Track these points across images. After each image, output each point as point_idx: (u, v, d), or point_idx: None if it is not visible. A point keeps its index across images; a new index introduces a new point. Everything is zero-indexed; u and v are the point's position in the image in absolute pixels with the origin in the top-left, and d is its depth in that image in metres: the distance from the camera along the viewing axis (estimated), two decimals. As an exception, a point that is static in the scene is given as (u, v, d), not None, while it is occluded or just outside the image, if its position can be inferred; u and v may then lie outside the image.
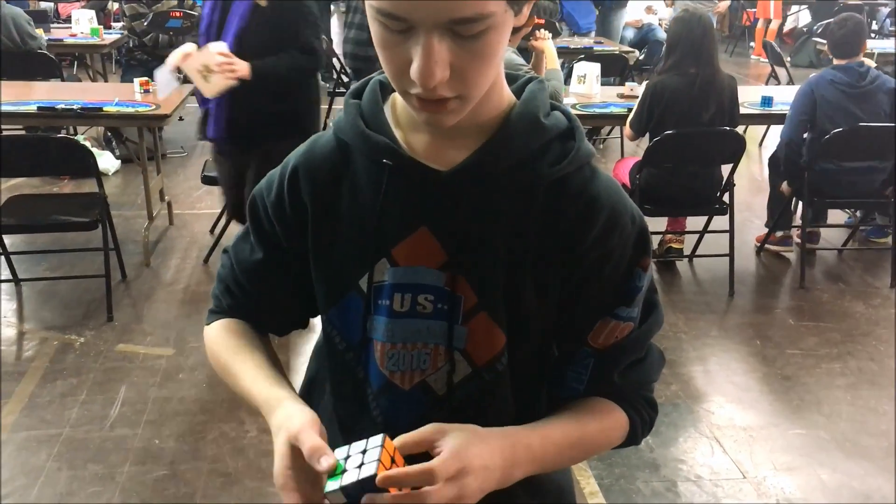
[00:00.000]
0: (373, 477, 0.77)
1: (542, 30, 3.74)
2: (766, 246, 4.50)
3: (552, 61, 3.83)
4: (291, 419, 0.86)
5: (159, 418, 2.89)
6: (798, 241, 4.37)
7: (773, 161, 4.45)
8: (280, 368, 1.01)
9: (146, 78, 4.23)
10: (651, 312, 0.98)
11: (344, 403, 1.00)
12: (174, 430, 2.82)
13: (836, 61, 4.04)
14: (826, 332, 3.67)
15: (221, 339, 1.04)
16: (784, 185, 4.25)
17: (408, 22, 0.76)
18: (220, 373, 1.03)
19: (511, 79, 0.94)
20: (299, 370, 1.11)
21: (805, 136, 4.05)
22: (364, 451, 0.80)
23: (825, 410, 3.07)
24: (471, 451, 0.82)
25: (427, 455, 0.82)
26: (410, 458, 0.82)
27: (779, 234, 4.45)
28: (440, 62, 0.76)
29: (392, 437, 0.83)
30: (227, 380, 1.01)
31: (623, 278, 0.93)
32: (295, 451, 0.83)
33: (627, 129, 4.03)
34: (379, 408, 0.96)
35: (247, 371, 0.98)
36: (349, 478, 0.79)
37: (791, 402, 3.13)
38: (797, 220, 4.41)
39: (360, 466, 0.79)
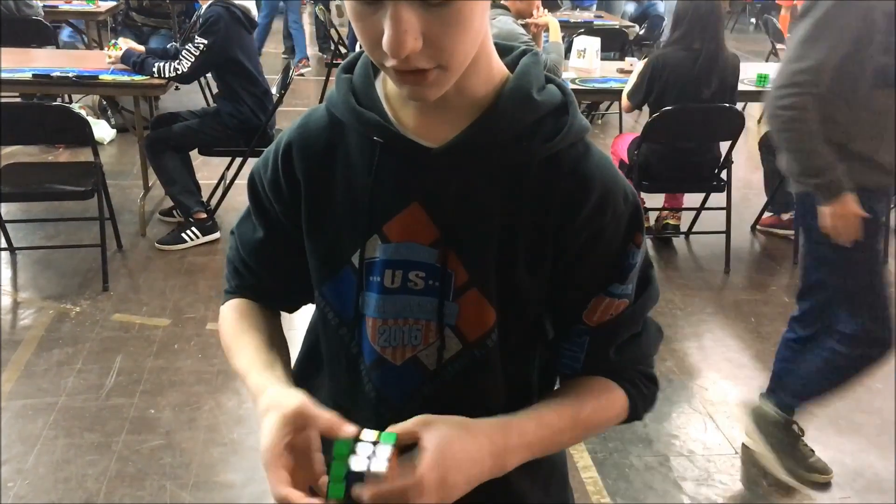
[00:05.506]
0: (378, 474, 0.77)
1: (541, 7, 3.73)
2: (772, 229, 4.49)
3: (555, 34, 3.81)
4: (286, 397, 0.85)
5: (155, 388, 2.90)
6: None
7: (766, 141, 4.42)
8: (282, 349, 1.01)
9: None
10: (646, 288, 0.97)
11: (338, 378, 1.00)
12: (170, 400, 2.83)
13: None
14: (821, 310, 3.68)
15: (227, 320, 1.04)
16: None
17: None
18: (226, 353, 1.03)
19: (505, 51, 0.93)
20: (295, 342, 1.10)
21: None
22: (375, 443, 0.79)
23: (818, 388, 3.08)
24: (455, 446, 0.81)
25: (414, 445, 0.82)
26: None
27: (785, 216, 4.42)
28: (410, 31, 0.74)
29: (383, 413, 0.83)
30: (230, 360, 1.01)
31: (616, 256, 0.92)
32: (288, 428, 0.81)
33: (625, 101, 4.00)
34: (371, 382, 0.96)
35: (244, 353, 0.98)
36: (358, 465, 0.77)
37: (784, 379, 3.14)
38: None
39: (370, 457, 0.78)
